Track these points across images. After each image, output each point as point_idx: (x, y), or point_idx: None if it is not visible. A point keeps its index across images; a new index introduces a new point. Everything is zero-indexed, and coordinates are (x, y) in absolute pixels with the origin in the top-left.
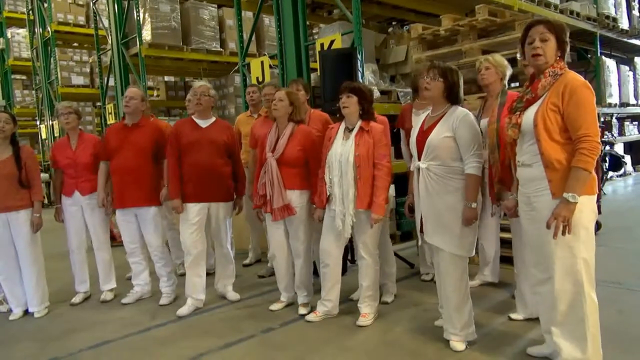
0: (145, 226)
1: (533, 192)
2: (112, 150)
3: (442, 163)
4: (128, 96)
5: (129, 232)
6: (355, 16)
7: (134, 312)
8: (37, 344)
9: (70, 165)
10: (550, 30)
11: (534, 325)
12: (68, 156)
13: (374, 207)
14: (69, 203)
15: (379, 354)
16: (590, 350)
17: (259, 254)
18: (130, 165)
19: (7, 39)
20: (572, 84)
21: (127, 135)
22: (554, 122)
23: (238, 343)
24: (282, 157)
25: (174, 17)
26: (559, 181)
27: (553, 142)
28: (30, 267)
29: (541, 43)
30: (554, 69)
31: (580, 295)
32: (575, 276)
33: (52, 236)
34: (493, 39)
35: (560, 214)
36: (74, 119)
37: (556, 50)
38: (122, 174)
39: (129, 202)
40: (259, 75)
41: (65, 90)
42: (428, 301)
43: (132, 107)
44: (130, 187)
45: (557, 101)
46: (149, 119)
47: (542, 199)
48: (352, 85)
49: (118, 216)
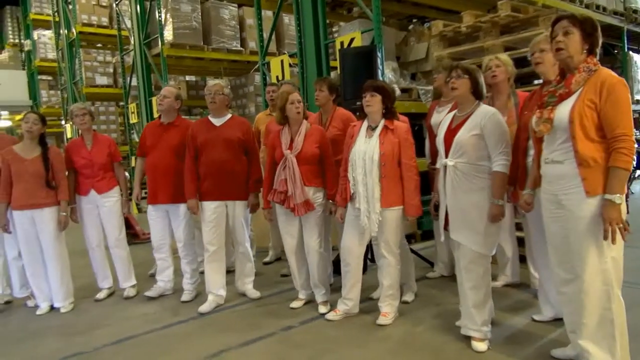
0: (175, 222)
1: (562, 190)
2: (148, 148)
3: (469, 161)
4: (162, 95)
5: (158, 227)
6: (375, 14)
7: (157, 308)
8: (62, 338)
9: (86, 165)
10: (574, 23)
11: (557, 326)
12: (84, 156)
13: (409, 209)
14: (85, 202)
15: (399, 353)
16: (620, 352)
17: (279, 252)
18: (164, 163)
19: (34, 40)
20: (609, 81)
21: (162, 134)
22: (590, 119)
23: (258, 340)
24: (300, 154)
25: (195, 17)
26: (593, 180)
27: (588, 139)
28: (54, 263)
29: (563, 37)
30: (587, 64)
31: (610, 294)
32: (605, 275)
33: (76, 233)
34: (516, 35)
35: (612, 217)
36: (89, 120)
37: (582, 44)
38: (155, 171)
39: (161, 198)
40: (279, 74)
41: (89, 90)
42: (449, 301)
43: (164, 106)
44: (163, 184)
45: (594, 98)
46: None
47: (573, 197)
48: (375, 84)
49: (149, 212)
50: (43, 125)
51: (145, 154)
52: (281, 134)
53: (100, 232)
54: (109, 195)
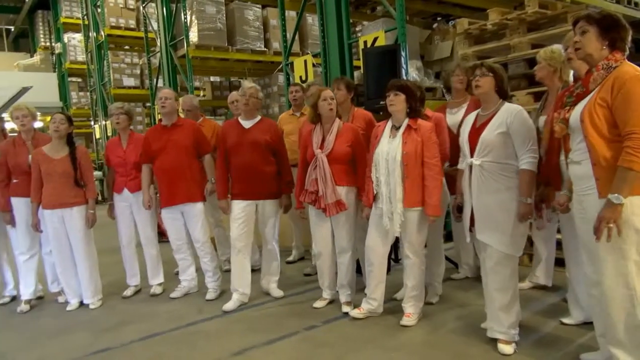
0: (191, 222)
1: (582, 191)
2: (155, 152)
3: (495, 160)
4: (163, 97)
5: (175, 229)
6: (399, 12)
7: (182, 306)
8: (91, 334)
9: (120, 164)
10: (589, 22)
11: (587, 330)
12: (119, 155)
13: (428, 208)
14: (119, 200)
15: (423, 354)
16: None
17: (302, 252)
18: (175, 164)
19: (64, 43)
20: (621, 77)
21: (168, 136)
22: (602, 117)
23: (281, 339)
24: (331, 153)
25: (220, 19)
26: (606, 180)
27: (601, 138)
28: (83, 260)
29: (580, 37)
30: (608, 61)
31: (633, 299)
32: (626, 278)
33: (104, 232)
34: (543, 32)
35: (604, 217)
36: (124, 119)
37: (600, 41)
38: (167, 174)
39: (176, 199)
40: (302, 74)
41: (117, 92)
42: (474, 302)
43: (168, 107)
44: (176, 185)
45: (606, 96)
46: (199, 117)
47: (590, 198)
48: (399, 83)
49: (164, 214)
50: (70, 125)
51: (153, 159)
52: (313, 133)
53: (131, 230)
54: (141, 195)
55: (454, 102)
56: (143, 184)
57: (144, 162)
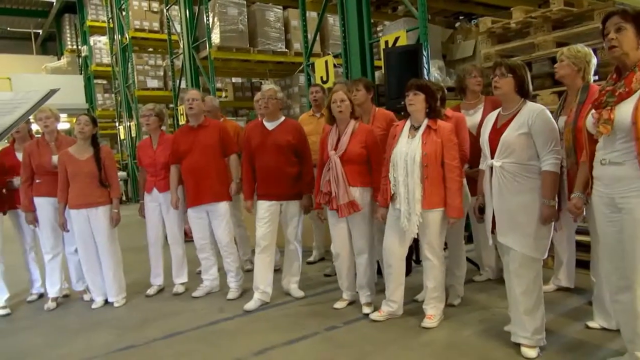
0: (216, 222)
1: (621, 193)
2: (183, 153)
3: (517, 161)
4: (191, 98)
5: (199, 228)
6: (421, 12)
7: (204, 305)
8: (115, 331)
9: (151, 164)
10: (626, 18)
11: (613, 334)
12: (149, 155)
13: (451, 210)
14: (149, 199)
15: (445, 356)
16: None
17: (323, 252)
18: (202, 164)
19: (90, 46)
20: None
21: (195, 137)
22: None
23: (302, 340)
24: (344, 154)
25: (241, 20)
26: None
27: None
28: (108, 259)
29: (616, 34)
30: None
31: None
32: None
33: (129, 231)
34: (569, 30)
35: None
36: (154, 121)
37: (637, 39)
38: (194, 174)
39: (202, 199)
40: (323, 75)
41: (141, 93)
42: (497, 305)
43: (196, 109)
44: (203, 185)
45: None
46: (219, 118)
47: (633, 200)
48: (418, 83)
49: (190, 214)
50: (94, 127)
51: (181, 159)
52: (329, 134)
53: (159, 230)
54: (170, 195)
55: (468, 104)
56: (171, 184)
57: (172, 162)
